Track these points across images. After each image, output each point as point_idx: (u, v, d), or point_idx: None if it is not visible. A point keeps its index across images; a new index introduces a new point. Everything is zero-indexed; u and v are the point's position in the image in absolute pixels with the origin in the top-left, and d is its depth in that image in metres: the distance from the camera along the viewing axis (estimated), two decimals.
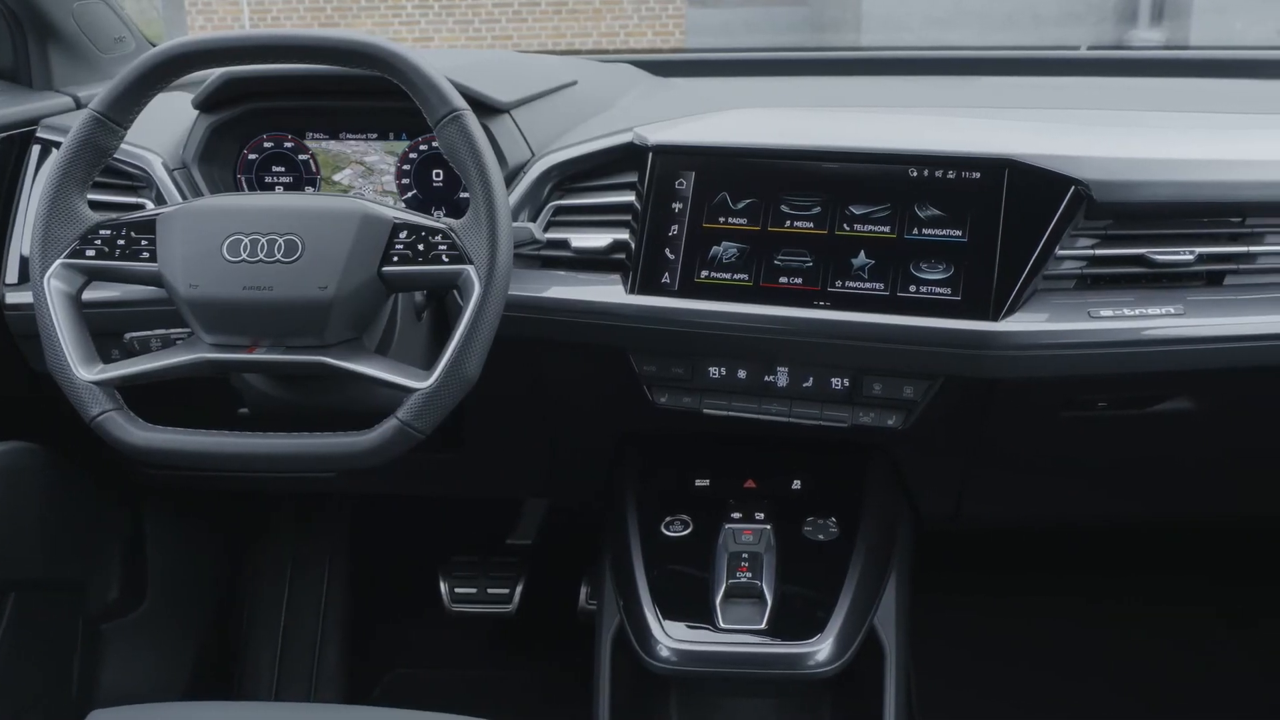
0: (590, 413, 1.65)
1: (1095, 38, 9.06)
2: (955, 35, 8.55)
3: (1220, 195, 1.40)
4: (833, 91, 2.03)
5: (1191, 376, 1.42)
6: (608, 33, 11.46)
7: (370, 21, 10.81)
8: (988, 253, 1.36)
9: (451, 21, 11.01)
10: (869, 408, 1.45)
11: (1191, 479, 1.70)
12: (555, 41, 11.29)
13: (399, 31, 10.69)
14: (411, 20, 10.76)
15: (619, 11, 11.25)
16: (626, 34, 11.48)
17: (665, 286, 1.43)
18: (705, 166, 1.45)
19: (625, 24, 11.45)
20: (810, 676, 1.40)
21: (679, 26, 11.43)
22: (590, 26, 11.42)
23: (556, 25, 11.38)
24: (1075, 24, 8.69)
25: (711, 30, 10.60)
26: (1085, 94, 1.95)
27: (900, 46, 2.29)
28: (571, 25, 11.40)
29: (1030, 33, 8.44)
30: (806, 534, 1.52)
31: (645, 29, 11.53)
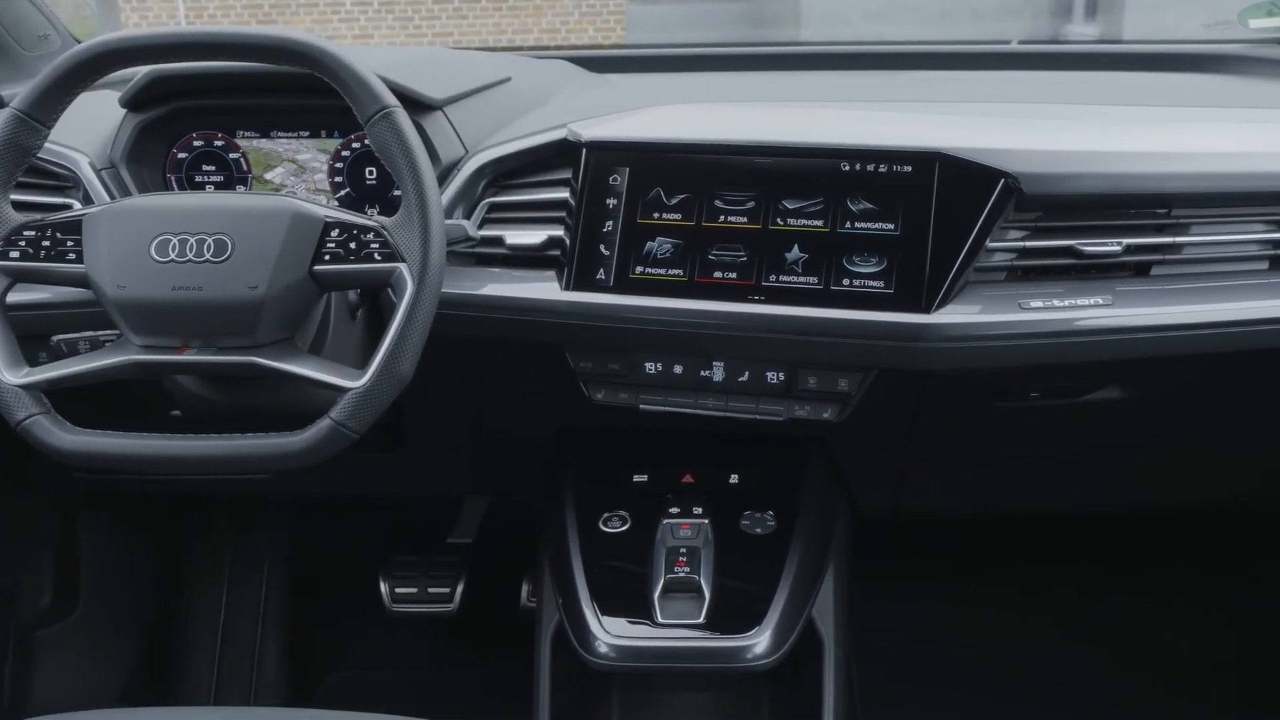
0: (527, 409, 1.65)
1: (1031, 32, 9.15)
2: (893, 30, 8.61)
3: (1146, 187, 1.41)
4: (768, 86, 2.04)
5: (1121, 366, 1.44)
6: (549, 29, 11.43)
7: (309, 19, 10.71)
8: (919, 246, 1.37)
9: (391, 18, 10.93)
10: (805, 401, 1.46)
11: (1123, 468, 1.73)
12: (496, 38, 11.25)
13: (338, 29, 10.60)
14: (350, 17, 10.67)
15: (560, 8, 11.23)
16: (568, 30, 11.45)
17: (600, 283, 1.43)
18: (639, 162, 1.45)
19: (566, 20, 11.42)
20: (749, 669, 1.41)
21: (620, 23, 11.43)
22: (531, 23, 11.38)
23: (497, 22, 11.33)
24: (1011, 19, 8.78)
25: (652, 26, 10.60)
26: (1016, 88, 1.97)
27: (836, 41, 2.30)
28: (512, 22, 11.35)
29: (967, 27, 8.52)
30: (744, 528, 1.53)
31: (586, 25, 11.51)
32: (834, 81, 2.08)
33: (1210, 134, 1.53)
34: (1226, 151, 1.46)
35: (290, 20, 10.34)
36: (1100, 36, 8.48)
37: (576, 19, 11.46)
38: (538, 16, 11.41)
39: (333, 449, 1.26)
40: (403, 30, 10.89)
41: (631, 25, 11.31)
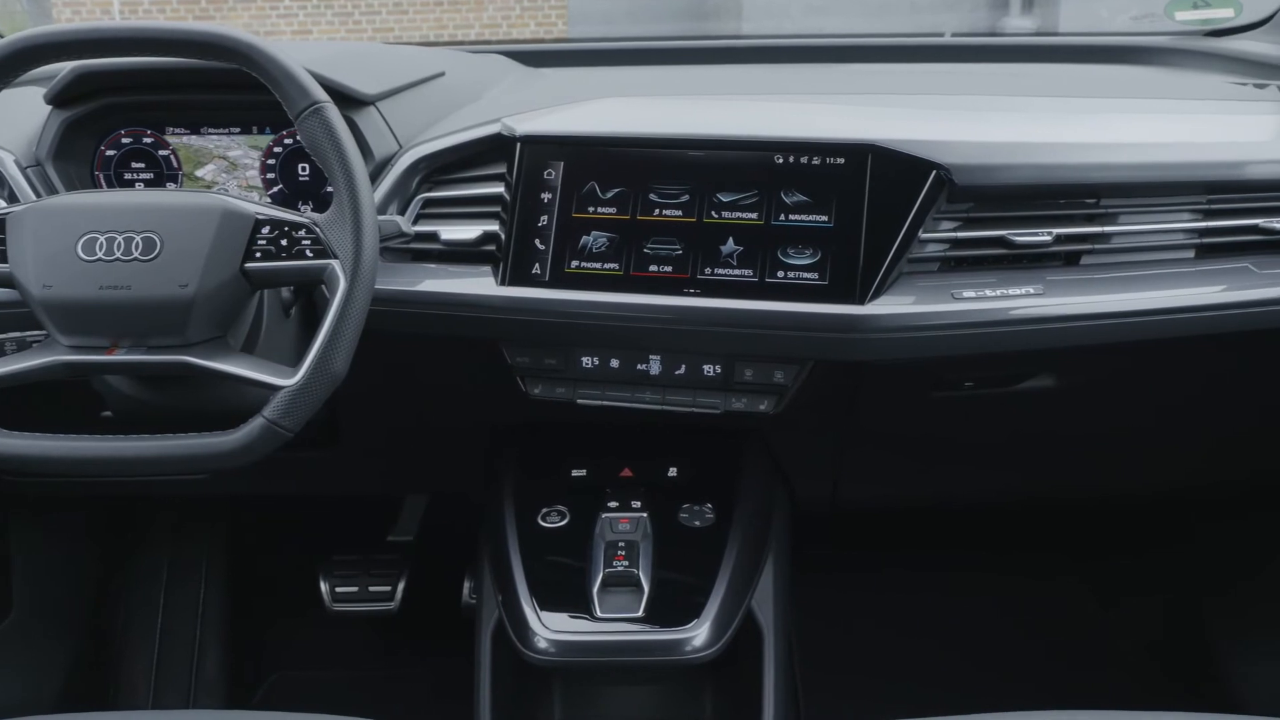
0: (464, 406, 1.64)
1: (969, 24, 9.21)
2: (833, 22, 8.64)
3: (1076, 177, 1.43)
4: (705, 79, 2.04)
5: (1052, 354, 1.46)
6: (490, 24, 11.37)
7: (246, 14, 10.58)
8: (853, 237, 1.38)
9: (330, 14, 10.83)
10: (741, 393, 1.46)
11: (1058, 455, 1.75)
12: (437, 33, 11.18)
13: (276, 24, 10.49)
14: (289, 13, 10.56)
15: (501, 2, 11.18)
16: (509, 25, 11.40)
17: (536, 277, 1.43)
18: (574, 156, 1.45)
19: (508, 15, 11.37)
20: (688, 661, 1.41)
21: (562, 17, 11.39)
22: (472, 18, 11.32)
23: (438, 17, 11.26)
24: (949, 11, 8.84)
25: (594, 20, 10.57)
26: (950, 80, 1.99)
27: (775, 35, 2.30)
28: (453, 17, 11.29)
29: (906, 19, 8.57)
30: (683, 520, 1.53)
31: (528, 19, 11.46)
32: (771, 74, 2.09)
33: (1137, 125, 1.55)
34: (1153, 142, 1.49)
35: (227, 16, 10.22)
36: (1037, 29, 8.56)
37: (518, 13, 11.42)
38: (479, 11, 11.35)
39: (266, 448, 1.24)
40: (342, 25, 10.79)
41: (573, 19, 11.27)
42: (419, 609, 2.04)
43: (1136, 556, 2.28)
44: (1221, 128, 1.55)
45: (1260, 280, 1.46)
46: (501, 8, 11.37)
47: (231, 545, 2.23)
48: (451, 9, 11.32)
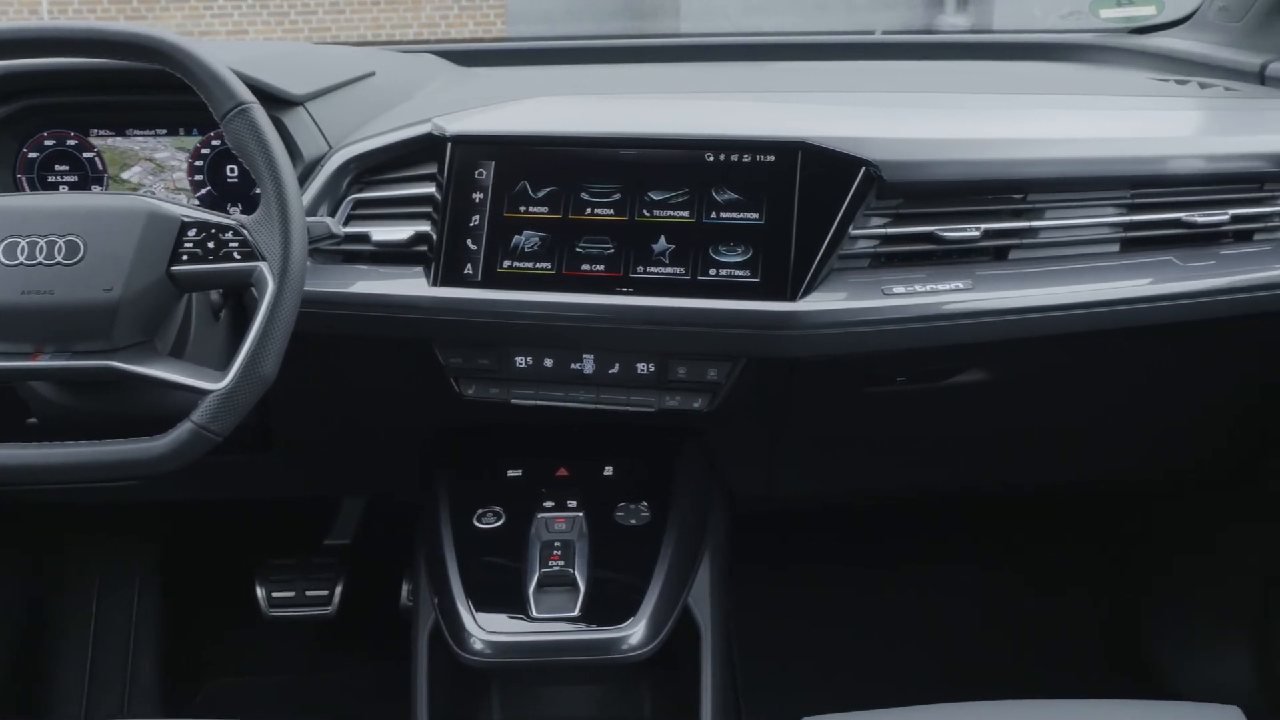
0: (398, 407, 1.64)
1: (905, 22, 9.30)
2: (771, 21, 8.67)
3: (1003, 173, 1.45)
4: (640, 78, 2.04)
5: (983, 349, 1.47)
6: (428, 23, 11.31)
7: (180, 15, 10.46)
8: (784, 234, 1.38)
9: (266, 14, 10.73)
10: (675, 391, 1.46)
11: (991, 449, 1.77)
12: (375, 33, 11.10)
13: (211, 24, 10.37)
14: (224, 13, 10.45)
15: (439, 2, 11.12)
16: (447, 24, 11.34)
17: (468, 278, 1.42)
18: (504, 156, 1.44)
19: (446, 14, 11.32)
20: (624, 660, 1.41)
21: (500, 16, 11.35)
22: (410, 17, 11.26)
23: (375, 16, 11.19)
24: (886, 9, 8.90)
25: (532, 19, 10.54)
26: (882, 77, 2.01)
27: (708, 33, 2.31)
28: (390, 16, 11.22)
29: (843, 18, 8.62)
30: (619, 519, 1.53)
31: (466, 19, 11.42)
32: (705, 73, 2.10)
33: (1063, 121, 1.57)
34: (1078, 138, 1.50)
35: (160, 16, 10.09)
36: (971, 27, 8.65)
37: (456, 13, 11.37)
38: (416, 10, 11.29)
39: (195, 453, 1.23)
40: (278, 25, 10.70)
41: (512, 18, 11.24)
42: (357, 613, 2.03)
43: (1074, 547, 2.31)
44: (1144, 123, 1.58)
45: (1183, 273, 1.48)
46: (439, 7, 11.31)
47: (166, 551, 2.20)
48: (389, 8, 11.25)
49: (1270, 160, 1.52)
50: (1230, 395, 1.72)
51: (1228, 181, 1.52)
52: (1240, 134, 1.56)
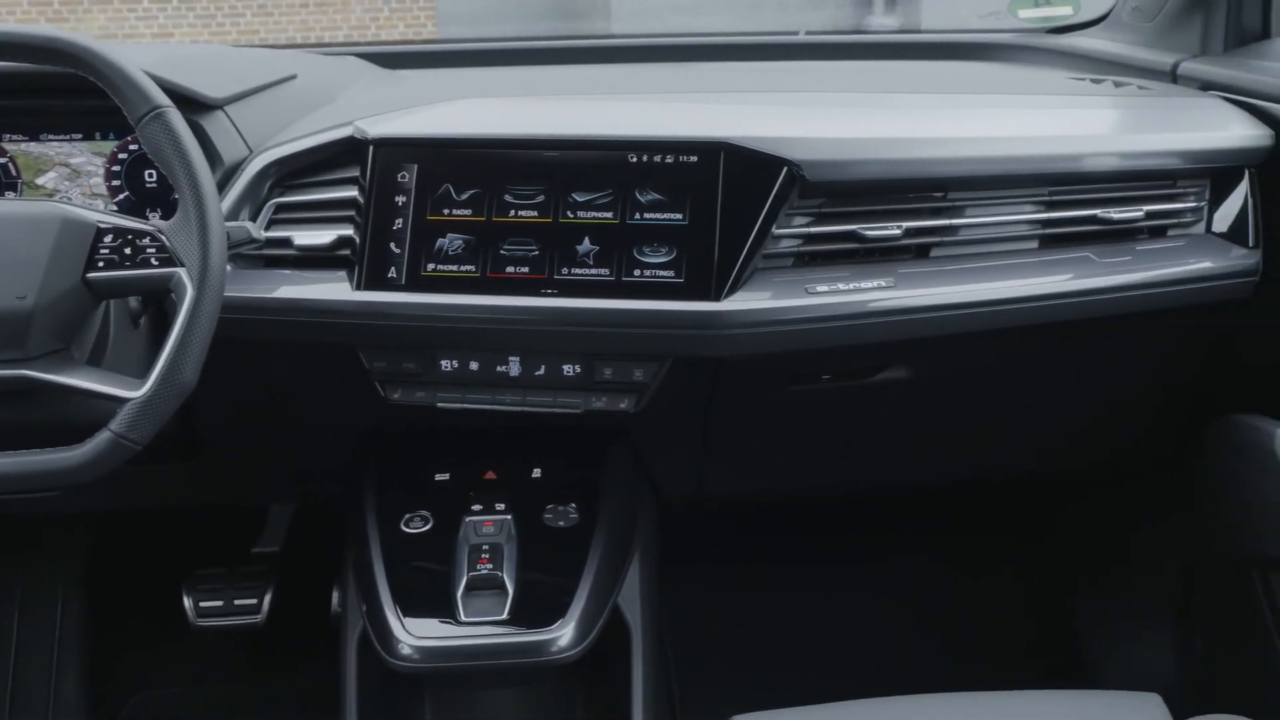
0: (324, 412, 1.62)
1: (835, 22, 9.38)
2: (703, 22, 8.70)
3: (923, 172, 1.47)
4: (565, 79, 2.04)
5: (906, 346, 1.49)
6: (358, 25, 11.22)
7: (104, 17, 10.29)
8: (707, 234, 1.39)
9: (193, 16, 10.58)
10: (601, 392, 1.47)
11: (917, 445, 1.79)
12: (304, 35, 11.00)
13: (135, 27, 10.21)
14: (148, 15, 10.29)
15: (369, 3, 11.04)
16: (378, 26, 11.26)
17: (392, 281, 1.42)
18: (427, 158, 1.44)
19: (376, 16, 11.24)
20: (554, 662, 1.41)
21: (430, 18, 11.29)
22: (339, 20, 11.16)
23: (304, 19, 11.08)
24: (816, 10, 8.96)
25: (462, 20, 10.50)
26: (806, 77, 2.02)
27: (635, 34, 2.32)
28: (320, 19, 11.12)
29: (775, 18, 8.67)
30: (547, 521, 1.53)
31: (396, 21, 11.33)
32: (632, 74, 2.10)
33: (982, 120, 1.59)
34: (996, 136, 1.53)
35: (83, 18, 9.92)
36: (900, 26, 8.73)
37: (386, 15, 11.28)
38: (346, 13, 11.19)
39: (113, 462, 1.21)
40: (205, 28, 10.56)
41: (442, 20, 11.18)
42: (288, 621, 2.01)
43: (1001, 540, 2.34)
44: (1061, 122, 1.60)
45: (1100, 269, 1.51)
46: (369, 9, 11.23)
47: (90, 563, 2.17)
48: (318, 11, 11.15)
49: (1182, 157, 1.55)
50: (1149, 387, 1.75)
51: (1142, 179, 1.55)
52: (1153, 132, 1.59)
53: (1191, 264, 1.55)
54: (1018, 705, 1.30)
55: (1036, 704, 1.31)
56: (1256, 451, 1.55)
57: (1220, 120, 1.60)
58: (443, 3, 10.83)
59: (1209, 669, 1.87)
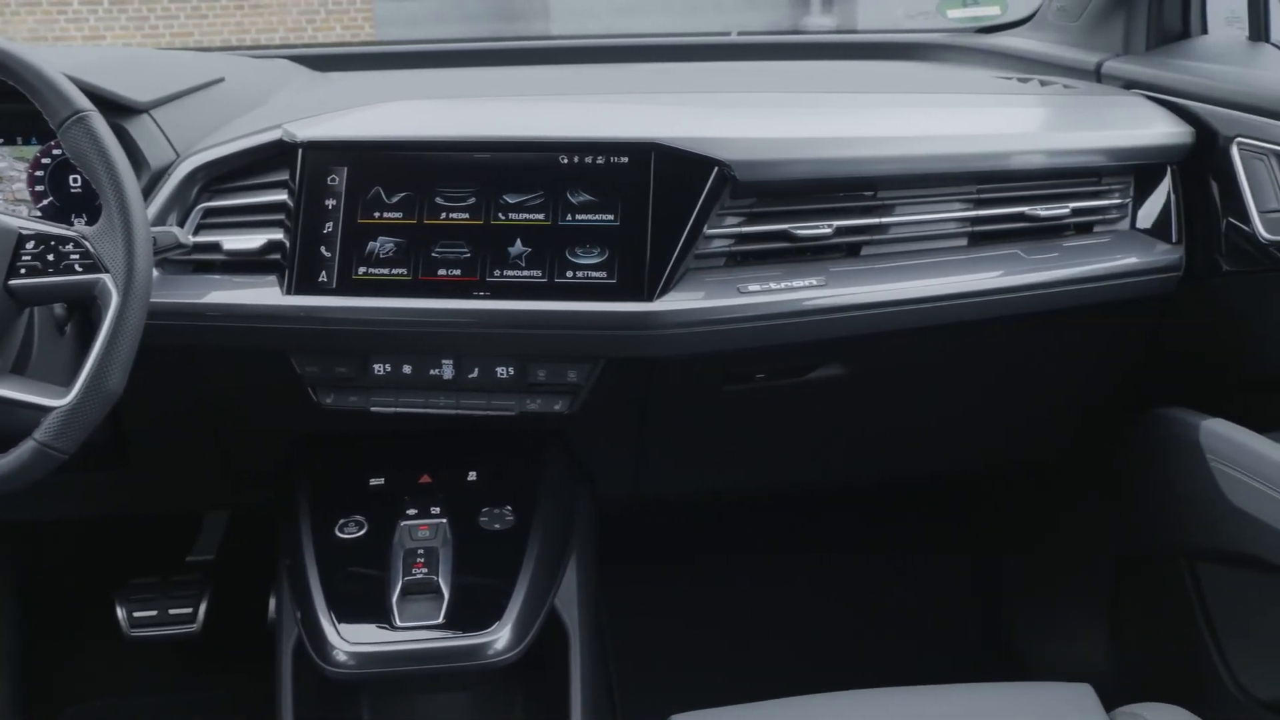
0: (257, 418, 1.61)
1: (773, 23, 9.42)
2: (641, 22, 8.72)
3: (853, 171, 1.48)
4: (499, 81, 2.04)
5: (838, 344, 1.50)
6: (294, 28, 11.12)
7: (32, 19, 10.13)
8: (639, 235, 1.39)
9: (125, 18, 10.44)
10: (535, 394, 1.47)
11: (853, 443, 1.80)
12: (239, 38, 10.88)
13: (65, 29, 10.06)
14: (79, 17, 10.14)
15: (305, 5, 10.95)
16: (314, 29, 11.17)
17: (323, 285, 1.41)
18: (357, 161, 1.43)
19: (313, 18, 11.14)
20: (490, 665, 1.40)
21: (368, 19, 11.21)
22: (275, 21, 11.06)
23: (240, 21, 10.96)
24: (754, 11, 9.01)
25: (400, 22, 10.44)
26: (740, 78, 2.03)
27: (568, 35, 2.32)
28: (256, 20, 11.00)
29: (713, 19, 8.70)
30: (483, 524, 1.52)
31: (333, 22, 11.24)
32: (566, 75, 2.10)
33: (911, 119, 1.60)
34: (926, 135, 1.54)
35: (11, 21, 9.76)
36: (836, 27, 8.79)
37: (323, 16, 11.19)
38: (282, 14, 11.09)
39: (39, 472, 1.19)
40: (138, 31, 10.42)
41: (380, 22, 11.11)
42: (224, 629, 1.98)
43: (937, 534, 2.36)
44: (988, 121, 1.62)
45: (1028, 265, 1.53)
46: (305, 11, 11.13)
47: (20, 574, 2.13)
48: (253, 13, 11.03)
49: (1106, 155, 1.58)
50: (1078, 383, 1.78)
51: (1068, 176, 1.57)
52: (1078, 130, 1.62)
53: (1117, 260, 1.57)
54: (951, 698, 1.32)
55: (969, 697, 1.32)
56: (1181, 444, 1.58)
57: (1143, 118, 1.63)
58: (380, 5, 10.77)
59: (1140, 659, 1.90)
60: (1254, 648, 1.66)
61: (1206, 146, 1.58)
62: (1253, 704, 1.64)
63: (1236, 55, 1.71)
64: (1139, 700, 1.29)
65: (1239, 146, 1.53)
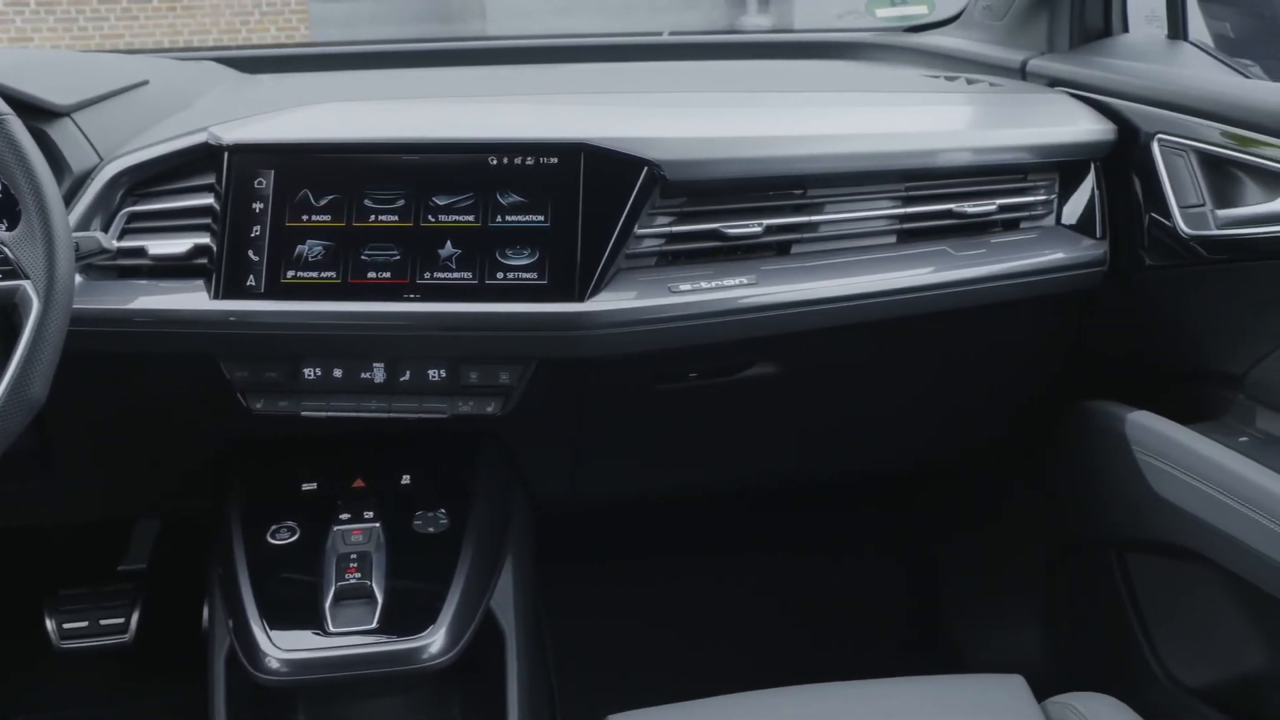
0: (187, 424, 1.59)
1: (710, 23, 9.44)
2: (578, 23, 8.71)
3: (782, 170, 1.49)
4: (429, 82, 2.03)
5: (770, 342, 1.51)
6: (228, 29, 11.00)
7: None
8: (570, 235, 1.39)
9: (53, 20, 10.27)
10: (467, 396, 1.46)
11: (788, 441, 1.81)
12: (172, 39, 10.74)
13: None
14: (4, 19, 9.95)
15: (239, 6, 10.84)
16: (249, 30, 11.05)
17: (251, 289, 1.39)
18: (284, 164, 1.42)
19: (247, 20, 11.03)
20: (425, 669, 1.39)
21: (303, 21, 11.11)
22: (209, 23, 10.93)
23: (172, 22, 10.83)
24: (690, 10, 9.03)
25: (336, 24, 10.36)
26: (671, 77, 2.04)
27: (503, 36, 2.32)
28: (188, 22, 10.87)
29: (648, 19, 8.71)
30: (417, 528, 1.51)
31: (268, 24, 11.14)
32: (499, 76, 2.09)
33: (839, 117, 1.61)
34: (854, 134, 1.55)
35: None
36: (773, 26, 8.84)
37: (258, 18, 11.08)
38: (216, 16, 10.97)
39: None
40: (66, 33, 10.25)
41: (315, 23, 11.01)
42: (157, 639, 1.96)
43: (873, 529, 2.38)
44: (916, 119, 1.64)
45: (956, 262, 1.55)
46: (239, 12, 11.01)
47: None
48: (185, 15, 10.90)
49: (1031, 152, 1.60)
50: (1009, 377, 1.80)
51: (994, 173, 1.59)
52: (1004, 127, 1.64)
53: (1043, 255, 1.59)
54: (885, 692, 1.33)
55: (903, 691, 1.33)
56: (1108, 437, 1.60)
57: (1067, 115, 1.65)
58: (315, 6, 10.68)
59: (1072, 649, 1.93)
60: (1181, 636, 1.69)
61: (1129, 143, 1.61)
62: (1181, 691, 1.67)
63: (1156, 53, 1.73)
64: (1071, 691, 1.31)
65: (1160, 143, 1.55)
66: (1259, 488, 1.37)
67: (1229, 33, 1.74)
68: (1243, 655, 1.58)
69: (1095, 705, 1.28)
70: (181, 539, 2.12)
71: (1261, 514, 1.36)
